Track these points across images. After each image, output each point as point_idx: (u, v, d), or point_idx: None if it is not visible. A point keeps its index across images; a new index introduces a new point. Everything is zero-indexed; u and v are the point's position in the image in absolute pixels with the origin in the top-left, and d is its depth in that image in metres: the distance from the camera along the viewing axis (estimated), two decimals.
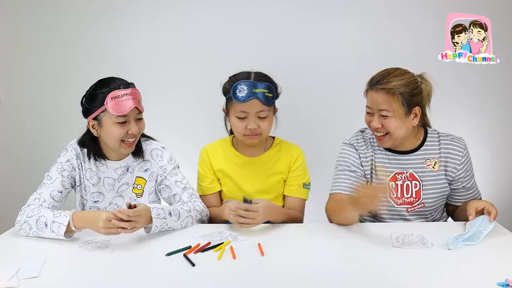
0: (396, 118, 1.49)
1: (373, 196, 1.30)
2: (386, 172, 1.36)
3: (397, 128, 1.50)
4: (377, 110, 1.51)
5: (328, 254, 1.30)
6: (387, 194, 1.36)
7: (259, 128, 1.62)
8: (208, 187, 1.75)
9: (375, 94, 1.50)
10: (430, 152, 1.59)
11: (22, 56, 2.63)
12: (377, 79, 1.51)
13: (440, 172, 1.58)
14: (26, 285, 1.11)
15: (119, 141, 1.54)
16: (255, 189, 1.72)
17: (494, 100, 2.57)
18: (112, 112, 1.49)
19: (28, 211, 1.44)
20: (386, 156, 1.61)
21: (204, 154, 1.77)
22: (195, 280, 1.14)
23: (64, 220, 1.36)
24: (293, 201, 1.73)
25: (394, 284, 1.10)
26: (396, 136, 1.52)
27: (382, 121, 1.51)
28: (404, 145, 1.59)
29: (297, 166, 1.73)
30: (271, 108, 1.64)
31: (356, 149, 1.64)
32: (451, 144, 1.58)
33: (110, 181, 1.64)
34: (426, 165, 1.57)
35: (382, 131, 1.53)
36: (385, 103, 1.48)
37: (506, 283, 1.04)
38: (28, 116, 2.69)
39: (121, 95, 1.49)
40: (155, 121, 1.80)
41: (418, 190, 1.57)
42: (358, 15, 2.52)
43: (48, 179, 1.56)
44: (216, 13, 2.55)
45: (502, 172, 2.62)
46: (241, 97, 1.57)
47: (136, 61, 2.56)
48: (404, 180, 1.58)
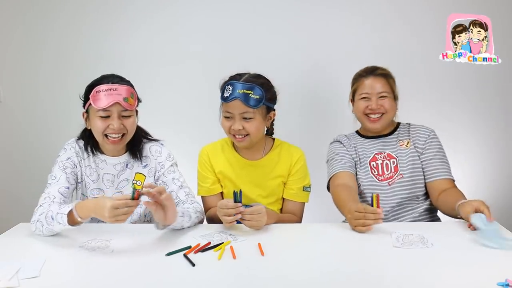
0: (392, 100, 1.78)
1: (366, 223, 1.42)
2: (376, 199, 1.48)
3: (391, 108, 1.77)
4: (376, 94, 1.76)
5: (328, 254, 1.30)
6: (378, 221, 1.43)
7: (243, 130, 1.61)
8: (209, 188, 1.75)
9: (374, 80, 1.78)
10: (402, 135, 1.83)
11: (21, 56, 2.63)
12: (371, 69, 1.82)
13: (410, 148, 1.79)
14: (26, 285, 1.11)
15: (102, 135, 1.56)
16: (255, 193, 1.72)
17: (494, 100, 2.56)
18: (93, 106, 1.52)
19: (40, 210, 1.45)
20: (367, 141, 1.85)
21: (204, 155, 1.76)
22: (195, 280, 1.14)
23: (66, 210, 1.36)
24: (292, 204, 1.73)
25: (394, 284, 1.10)
26: (389, 116, 1.79)
27: (381, 102, 1.76)
28: (385, 129, 1.83)
29: (297, 169, 1.72)
30: (258, 110, 1.60)
31: (341, 142, 1.87)
32: (420, 127, 1.83)
33: (109, 177, 1.65)
34: (399, 144, 1.80)
35: (380, 112, 1.76)
36: (385, 86, 1.77)
37: (506, 283, 1.04)
38: (27, 116, 2.69)
39: (104, 89, 1.51)
40: (154, 121, 1.80)
41: (395, 165, 1.77)
42: (359, 15, 2.52)
43: (52, 178, 1.57)
44: (215, 13, 2.54)
45: (502, 172, 2.61)
46: (225, 97, 1.59)
47: (135, 60, 2.56)
48: (383, 160, 1.79)
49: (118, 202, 1.27)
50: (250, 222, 1.45)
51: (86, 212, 1.35)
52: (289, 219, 1.69)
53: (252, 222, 1.45)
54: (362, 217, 1.42)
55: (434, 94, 2.53)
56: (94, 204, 1.33)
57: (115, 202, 1.27)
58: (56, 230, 1.41)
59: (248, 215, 1.44)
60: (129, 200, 1.29)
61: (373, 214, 1.41)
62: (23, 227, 1.54)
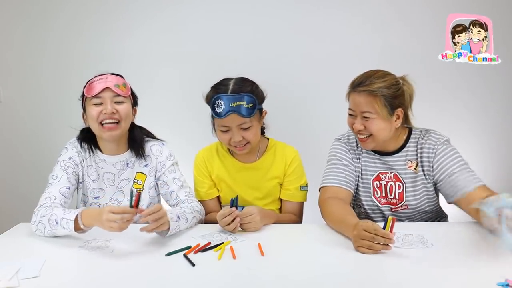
0: (379, 120, 1.49)
1: (373, 247, 1.23)
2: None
3: (379, 129, 1.51)
4: (360, 112, 1.51)
5: (328, 254, 1.30)
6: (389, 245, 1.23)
7: (244, 139, 1.60)
8: (206, 193, 1.75)
9: (358, 96, 1.50)
10: (411, 153, 1.59)
11: (21, 56, 2.63)
12: (359, 81, 1.51)
13: (419, 173, 1.58)
14: (26, 285, 1.11)
15: (98, 124, 1.56)
16: (252, 196, 1.71)
17: (495, 100, 2.57)
18: (86, 95, 1.55)
19: (42, 211, 1.44)
20: (372, 157, 1.63)
21: (200, 161, 1.76)
22: (195, 280, 1.14)
23: (72, 216, 1.36)
24: (291, 205, 1.73)
25: (394, 284, 1.10)
26: (379, 138, 1.53)
27: (365, 123, 1.51)
28: (387, 147, 1.60)
29: (292, 170, 1.71)
30: (253, 117, 1.59)
31: (347, 146, 1.66)
32: (426, 143, 1.57)
33: (110, 177, 1.65)
34: (407, 166, 1.58)
35: (365, 133, 1.53)
36: (368, 105, 1.49)
37: (506, 283, 1.04)
38: (27, 115, 2.69)
39: (96, 80, 1.56)
40: (153, 121, 1.80)
41: (401, 192, 1.58)
42: (359, 15, 2.52)
43: (53, 178, 1.57)
44: (215, 12, 2.55)
45: (503, 172, 2.62)
46: (219, 113, 1.55)
47: (135, 61, 2.57)
48: (388, 181, 1.60)
49: (116, 208, 1.29)
50: (244, 225, 1.46)
51: (90, 220, 1.35)
52: (289, 219, 1.69)
53: (246, 225, 1.46)
54: (370, 239, 1.23)
55: (434, 94, 2.53)
56: (97, 212, 1.33)
57: (113, 207, 1.29)
58: (59, 234, 1.40)
59: (241, 218, 1.44)
60: (127, 208, 1.29)
61: (383, 238, 1.22)
62: (23, 227, 1.54)
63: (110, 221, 1.26)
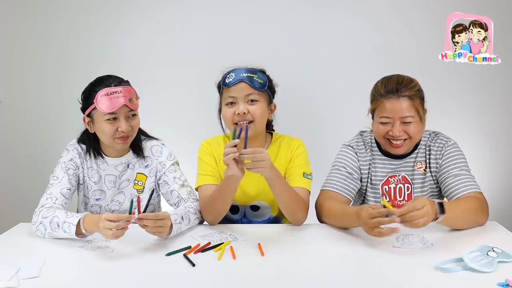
0: (417, 123, 1.52)
1: (382, 221, 1.25)
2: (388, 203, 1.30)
3: (418, 132, 1.53)
4: (399, 118, 1.50)
5: (328, 254, 1.30)
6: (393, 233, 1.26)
7: (249, 114, 1.55)
8: (210, 176, 1.66)
9: (397, 102, 1.50)
10: (420, 155, 1.62)
11: (21, 56, 2.63)
12: (393, 88, 1.51)
13: (427, 174, 1.61)
14: (26, 285, 1.11)
15: (112, 138, 1.55)
16: (256, 191, 1.69)
17: (494, 100, 2.57)
18: (100, 110, 1.50)
19: (43, 212, 1.44)
20: (384, 161, 1.64)
21: (206, 145, 1.71)
22: (195, 280, 1.14)
23: (75, 220, 1.36)
24: (296, 190, 1.61)
25: (394, 284, 1.10)
26: (415, 140, 1.55)
27: (405, 128, 1.51)
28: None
29: (297, 155, 1.65)
30: (262, 94, 1.57)
31: (355, 152, 1.66)
32: (434, 145, 1.61)
33: (111, 178, 1.65)
34: (417, 167, 1.61)
35: (402, 138, 1.53)
36: (411, 109, 1.50)
37: (506, 283, 1.04)
38: (28, 115, 2.69)
39: (110, 93, 1.50)
40: (154, 120, 1.80)
41: (409, 193, 1.61)
42: (359, 15, 2.52)
43: (54, 179, 1.56)
44: (215, 12, 2.55)
45: (502, 172, 2.62)
46: (229, 82, 1.56)
47: (136, 60, 2.57)
48: (396, 183, 1.62)
49: (111, 215, 1.27)
50: (252, 163, 1.38)
51: (91, 227, 1.35)
52: (294, 193, 1.56)
53: (255, 163, 1.37)
54: (378, 224, 1.25)
55: (434, 94, 2.53)
56: (97, 218, 1.32)
57: (109, 215, 1.28)
58: (59, 236, 1.40)
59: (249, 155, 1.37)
60: (122, 215, 1.28)
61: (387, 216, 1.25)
62: (23, 227, 1.54)
63: (106, 228, 1.26)
